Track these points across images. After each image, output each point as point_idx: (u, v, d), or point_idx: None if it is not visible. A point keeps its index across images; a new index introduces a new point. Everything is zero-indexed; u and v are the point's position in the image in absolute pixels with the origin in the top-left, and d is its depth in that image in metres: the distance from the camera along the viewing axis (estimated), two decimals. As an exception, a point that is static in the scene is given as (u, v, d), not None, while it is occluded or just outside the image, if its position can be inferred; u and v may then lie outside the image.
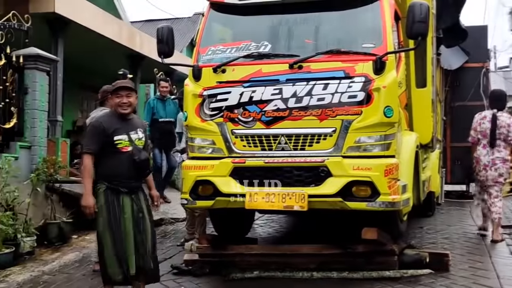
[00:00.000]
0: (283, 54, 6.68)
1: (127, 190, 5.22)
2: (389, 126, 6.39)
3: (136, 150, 5.27)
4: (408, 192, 6.80)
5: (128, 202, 5.20)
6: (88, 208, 5.09)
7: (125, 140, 5.23)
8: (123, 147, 5.21)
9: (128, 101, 5.32)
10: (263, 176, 6.50)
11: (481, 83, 13.42)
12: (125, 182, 5.22)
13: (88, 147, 5.18)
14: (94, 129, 5.26)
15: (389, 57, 6.44)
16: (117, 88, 5.35)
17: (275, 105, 6.50)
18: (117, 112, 5.36)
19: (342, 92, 6.37)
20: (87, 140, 5.23)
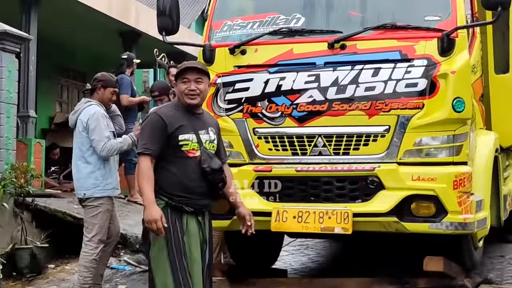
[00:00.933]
0: (321, 30, 6.69)
1: (192, 209, 5.03)
2: (459, 123, 6.37)
3: (206, 155, 5.07)
4: (485, 210, 6.77)
5: (194, 226, 5.03)
6: (155, 222, 4.78)
7: (192, 141, 5.04)
8: (190, 150, 5.03)
9: (197, 88, 5.10)
10: (294, 188, 6.52)
11: None
12: (191, 198, 5.02)
13: (146, 146, 4.96)
14: (152, 123, 5.06)
15: (459, 33, 6.43)
16: (183, 70, 5.13)
17: (310, 96, 6.52)
18: (183, 103, 5.14)
19: (397, 80, 6.37)
20: (143, 137, 5.05)
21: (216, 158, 5.16)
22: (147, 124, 5.10)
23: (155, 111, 5.22)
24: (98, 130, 7.01)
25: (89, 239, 7.01)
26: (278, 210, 6.45)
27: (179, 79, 5.13)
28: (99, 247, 7.01)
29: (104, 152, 6.99)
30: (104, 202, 7.08)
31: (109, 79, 7.38)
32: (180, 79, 5.13)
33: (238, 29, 6.95)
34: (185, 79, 5.10)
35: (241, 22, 7.00)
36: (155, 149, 4.95)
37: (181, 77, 5.13)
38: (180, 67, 5.19)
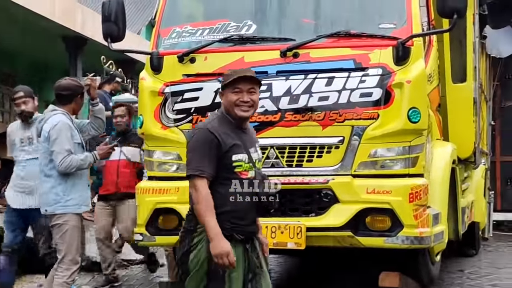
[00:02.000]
0: (273, 38, 6.72)
1: (242, 237, 4.61)
2: (415, 134, 6.44)
3: (261, 178, 4.66)
4: (442, 223, 6.85)
5: (240, 254, 4.59)
6: (227, 255, 4.39)
7: (245, 161, 4.61)
8: (242, 171, 4.61)
9: (250, 100, 4.65)
10: None
11: (543, 76, 13.58)
12: (241, 225, 4.59)
13: (202, 168, 4.50)
14: (205, 141, 4.57)
15: (415, 41, 6.49)
16: (236, 80, 4.65)
17: (262, 106, 6.47)
18: (233, 115, 4.64)
19: (352, 89, 6.41)
20: (195, 157, 4.58)
21: (270, 181, 4.76)
22: (198, 141, 4.59)
23: (205, 127, 4.61)
24: (59, 142, 6.59)
25: (59, 261, 6.62)
26: (229, 225, 6.42)
27: (229, 88, 4.65)
28: (71, 268, 6.58)
29: (62, 166, 6.56)
30: (69, 219, 6.63)
31: (81, 85, 7.00)
32: (230, 88, 4.65)
33: (187, 36, 6.94)
34: (236, 89, 4.63)
35: (190, 29, 6.99)
36: (211, 170, 4.50)
37: (232, 86, 4.65)
38: (231, 75, 4.69)
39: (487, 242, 11.97)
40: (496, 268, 9.66)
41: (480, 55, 10.43)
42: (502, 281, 8.75)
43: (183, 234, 4.61)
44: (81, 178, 6.82)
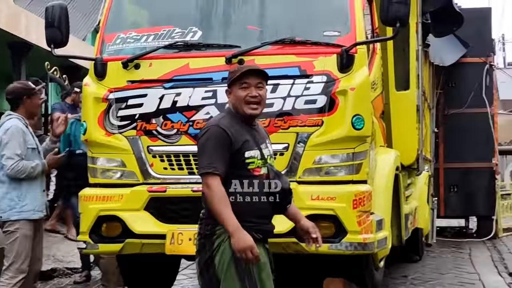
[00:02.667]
0: (218, 45, 6.72)
1: (261, 236, 4.49)
2: (359, 141, 6.48)
3: (274, 174, 4.56)
4: (385, 229, 6.90)
5: (263, 254, 4.47)
6: (250, 249, 4.24)
7: (257, 158, 4.51)
8: (255, 168, 4.49)
9: (259, 95, 4.52)
10: (190, 209, 6.38)
11: (484, 84, 13.79)
12: (259, 223, 4.48)
13: (214, 165, 4.38)
14: (216, 138, 4.45)
15: (359, 49, 6.54)
16: (243, 74, 4.52)
17: (207, 112, 6.51)
18: (242, 112, 4.52)
19: (296, 96, 6.44)
20: (207, 155, 4.46)
21: (284, 176, 4.71)
22: (210, 138, 4.46)
23: (216, 124, 4.51)
24: (10, 146, 6.51)
25: (6, 268, 6.48)
26: (173, 232, 6.39)
27: (236, 85, 4.52)
28: (17, 277, 6.46)
29: (12, 171, 6.47)
30: (21, 227, 6.53)
31: (28, 86, 6.87)
32: (237, 84, 4.51)
33: (132, 42, 6.90)
34: (244, 84, 4.49)
35: (134, 35, 6.94)
36: (223, 167, 4.39)
37: (240, 82, 4.51)
38: (239, 70, 4.59)
39: (431, 248, 12.14)
40: (440, 273, 9.81)
41: (423, 63, 10.54)
42: (445, 286, 8.87)
43: (202, 241, 4.44)
44: (36, 183, 6.72)
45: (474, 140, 13.68)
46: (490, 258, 11.28)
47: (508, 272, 9.93)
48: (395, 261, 9.55)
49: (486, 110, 13.72)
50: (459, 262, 10.85)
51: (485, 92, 13.76)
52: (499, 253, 11.82)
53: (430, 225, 12.04)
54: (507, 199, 15.69)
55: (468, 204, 13.98)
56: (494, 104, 14.24)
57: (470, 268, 10.24)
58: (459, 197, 13.92)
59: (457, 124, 13.75)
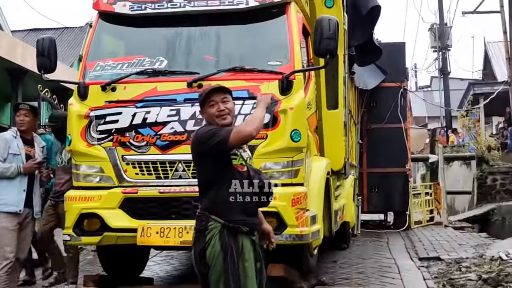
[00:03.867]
0: (181, 72, 6.70)
1: (248, 229, 4.31)
2: (296, 151, 6.49)
3: (254, 172, 4.42)
4: (318, 223, 6.91)
5: (249, 247, 4.31)
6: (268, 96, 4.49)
7: (238, 156, 4.38)
8: (238, 165, 4.34)
9: (226, 108, 4.38)
10: (157, 207, 6.47)
11: (399, 104, 13.92)
12: (246, 217, 4.32)
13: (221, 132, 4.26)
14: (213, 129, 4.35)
15: (296, 76, 6.58)
16: (208, 94, 4.41)
17: (171, 127, 6.50)
18: (216, 124, 4.37)
19: (245, 114, 6.42)
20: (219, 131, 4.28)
21: (263, 174, 4.55)
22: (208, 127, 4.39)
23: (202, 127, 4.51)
24: None
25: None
26: (143, 226, 6.35)
27: (206, 104, 4.40)
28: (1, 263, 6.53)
29: None
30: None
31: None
32: (206, 104, 4.40)
33: (109, 69, 6.83)
34: (212, 102, 4.38)
35: (111, 63, 6.88)
36: None
37: (207, 101, 4.40)
38: (204, 91, 4.48)
39: (356, 238, 12.20)
40: (363, 259, 9.84)
41: (350, 87, 10.63)
42: (368, 269, 8.90)
43: (197, 235, 4.29)
44: (14, 183, 6.81)
45: (391, 149, 13.78)
46: (404, 246, 11.37)
47: (418, 257, 10.02)
48: (327, 249, 9.58)
49: (401, 125, 13.83)
50: (379, 249, 10.91)
51: (400, 111, 13.87)
52: (411, 242, 11.93)
53: (356, 219, 12.10)
54: (418, 198, 15.85)
55: (387, 202, 14.08)
56: (408, 120, 14.37)
57: (387, 254, 10.30)
58: (379, 196, 14.00)
59: (378, 136, 13.85)
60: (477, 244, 11.10)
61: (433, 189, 16.03)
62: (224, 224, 4.21)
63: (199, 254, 4.25)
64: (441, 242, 11.70)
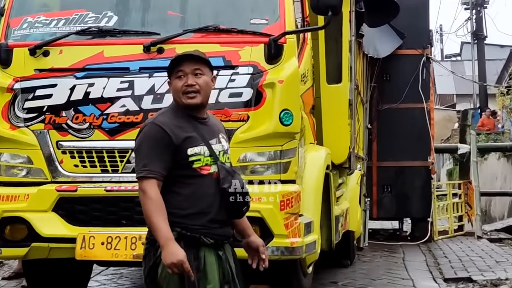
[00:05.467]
0: (136, 31, 6.71)
1: (212, 241, 4.34)
2: (287, 137, 6.52)
3: (225, 172, 4.41)
4: (315, 232, 6.94)
5: (213, 262, 4.34)
6: (181, 264, 4.10)
7: (204, 154, 4.36)
8: (202, 166, 4.34)
9: (196, 83, 4.34)
10: (103, 210, 6.48)
11: (420, 77, 13.96)
12: (209, 227, 4.32)
13: (148, 168, 4.24)
14: (151, 137, 4.33)
15: (288, 39, 6.58)
16: (175, 61, 4.39)
17: (123, 105, 6.52)
18: (181, 105, 4.38)
19: (220, 89, 6.44)
20: (141, 156, 4.32)
21: (238, 175, 4.51)
22: (144, 138, 4.34)
23: (151, 121, 4.40)
24: None
25: None
26: (84, 235, 6.35)
27: (173, 75, 4.38)
28: None
29: None
30: None
31: None
32: (174, 74, 4.37)
33: (41, 27, 6.82)
34: (179, 73, 4.35)
35: (44, 19, 6.85)
36: (161, 169, 4.25)
37: (175, 70, 4.36)
38: (172, 58, 4.46)
39: (362, 252, 12.23)
40: (371, 279, 9.88)
41: (357, 55, 10.63)
42: (377, 293, 8.97)
43: (147, 246, 4.32)
44: None
45: (410, 137, 13.81)
46: (425, 263, 11.42)
47: (443, 277, 10.07)
48: (325, 266, 9.61)
49: (422, 105, 13.85)
50: (392, 267, 10.95)
51: (421, 86, 13.87)
52: (434, 258, 11.99)
53: (362, 227, 12.12)
54: (443, 200, 15.94)
55: (402, 206, 14.11)
56: (431, 99, 14.41)
57: (403, 274, 10.34)
58: (393, 198, 14.04)
59: (392, 120, 13.87)
60: (520, 262, 11.19)
61: (463, 189, 16.10)
62: (180, 233, 4.22)
63: (149, 272, 4.27)
64: (472, 258, 11.76)
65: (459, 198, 16.03)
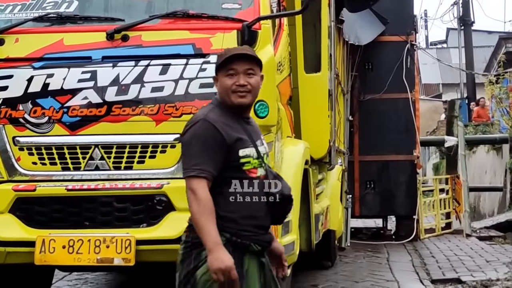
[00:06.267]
0: (98, 18, 6.67)
1: (260, 248, 4.43)
2: (263, 131, 6.23)
3: (272, 176, 4.52)
4: (293, 232, 6.92)
5: (255, 270, 4.41)
6: (229, 271, 4.13)
7: (253, 157, 4.43)
8: (252, 169, 4.42)
9: (248, 83, 4.43)
10: (64, 211, 6.42)
11: (404, 65, 13.98)
12: (257, 233, 4.41)
13: (200, 167, 4.27)
14: (204, 135, 4.35)
15: (262, 24, 6.56)
16: (228, 59, 4.45)
17: (85, 97, 6.47)
18: (229, 103, 4.43)
19: (190, 79, 6.43)
20: (193, 154, 4.34)
21: (284, 180, 4.59)
22: (195, 135, 4.36)
23: (202, 117, 4.39)
24: None
25: None
26: (43, 238, 6.27)
27: (222, 72, 4.44)
28: None
29: None
30: None
31: None
32: (223, 71, 4.44)
33: (-6, 12, 6.75)
34: (231, 71, 4.42)
35: (-2, 4, 6.79)
36: (212, 169, 4.28)
37: (226, 68, 4.44)
38: (225, 54, 4.49)
39: (344, 253, 12.26)
40: (354, 281, 9.90)
41: (337, 42, 10.63)
42: (360, 296, 8.97)
43: (187, 250, 4.32)
44: None
45: (393, 129, 13.90)
46: (411, 263, 11.45)
47: (430, 279, 10.10)
48: (304, 269, 9.60)
49: (406, 95, 13.91)
50: (376, 268, 10.98)
51: (405, 75, 13.93)
52: (420, 258, 12.03)
53: (344, 226, 12.15)
54: (430, 196, 15.97)
55: (386, 202, 14.18)
56: (416, 89, 14.44)
57: (388, 275, 10.37)
58: (376, 195, 14.12)
59: (374, 111, 13.93)
60: (511, 261, 11.22)
61: (451, 185, 16.16)
62: (229, 239, 4.26)
63: (186, 276, 4.28)
64: (461, 257, 11.82)
65: (447, 194, 16.08)
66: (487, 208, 20.98)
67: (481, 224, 17.06)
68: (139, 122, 6.43)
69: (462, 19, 33.64)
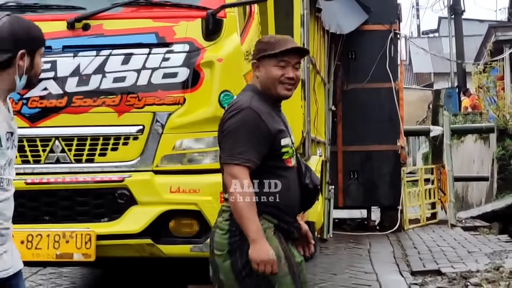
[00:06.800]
0: (58, 6, 6.63)
1: (297, 235, 4.58)
2: (228, 123, 6.36)
3: (304, 165, 4.63)
4: (265, 225, 6.82)
5: (295, 252, 4.57)
6: (271, 264, 4.21)
7: (290, 146, 4.51)
8: (288, 159, 4.48)
9: (296, 76, 4.47)
10: (23, 205, 6.30)
11: (388, 54, 13.90)
12: (293, 222, 4.51)
13: (245, 156, 4.29)
14: (250, 123, 4.34)
15: (228, 12, 6.51)
16: (285, 51, 4.45)
17: (44, 88, 6.41)
18: (274, 93, 4.44)
19: (153, 68, 6.37)
20: (238, 141, 4.34)
21: (312, 169, 4.70)
22: (241, 123, 4.35)
23: (247, 105, 4.37)
24: None
25: None
26: (1, 234, 6.17)
27: (272, 61, 4.42)
28: None
29: None
30: None
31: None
32: (274, 60, 4.42)
33: (-51, 1, 6.67)
34: (282, 63, 4.42)
35: (-47, -8, 6.72)
36: (256, 159, 4.31)
37: (278, 58, 4.43)
38: (277, 44, 4.48)
39: (326, 244, 12.18)
40: (332, 274, 9.81)
41: (315, 31, 10.51)
42: (336, 289, 8.87)
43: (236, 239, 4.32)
44: None
45: (377, 119, 13.80)
46: (392, 255, 11.36)
47: (410, 270, 10.02)
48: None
49: (390, 84, 13.83)
50: (356, 260, 10.90)
51: (389, 64, 13.84)
52: (402, 249, 11.95)
53: (326, 217, 12.05)
54: (415, 186, 15.89)
55: (370, 193, 14.11)
56: (400, 78, 14.37)
57: (367, 267, 10.28)
58: (360, 185, 14.03)
59: (358, 101, 13.84)
60: (493, 252, 11.16)
61: (436, 174, 16.11)
62: (277, 225, 4.37)
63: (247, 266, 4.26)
64: (444, 248, 11.75)
65: (432, 183, 16.04)
66: (475, 198, 20.99)
67: (468, 214, 17.06)
68: (100, 113, 6.38)
69: (452, 7, 33.67)
